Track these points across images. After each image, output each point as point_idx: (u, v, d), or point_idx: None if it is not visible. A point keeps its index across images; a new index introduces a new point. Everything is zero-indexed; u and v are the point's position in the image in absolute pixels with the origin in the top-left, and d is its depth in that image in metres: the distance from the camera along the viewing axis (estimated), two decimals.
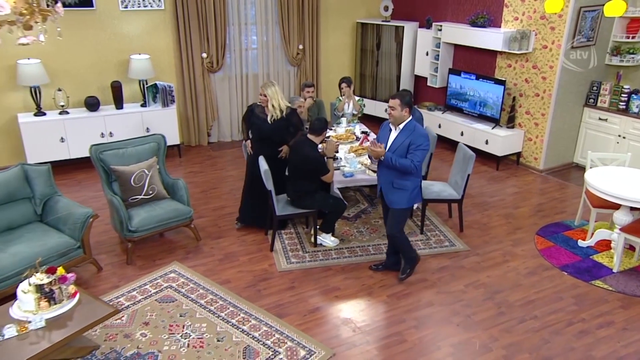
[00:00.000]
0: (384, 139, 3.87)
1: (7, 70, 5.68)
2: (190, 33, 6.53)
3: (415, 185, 3.87)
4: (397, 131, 3.79)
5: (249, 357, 3.30)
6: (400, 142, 3.74)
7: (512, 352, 3.35)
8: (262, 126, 4.54)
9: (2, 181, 3.93)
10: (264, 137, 4.59)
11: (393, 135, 3.82)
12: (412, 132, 3.73)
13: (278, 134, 4.57)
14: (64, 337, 3.00)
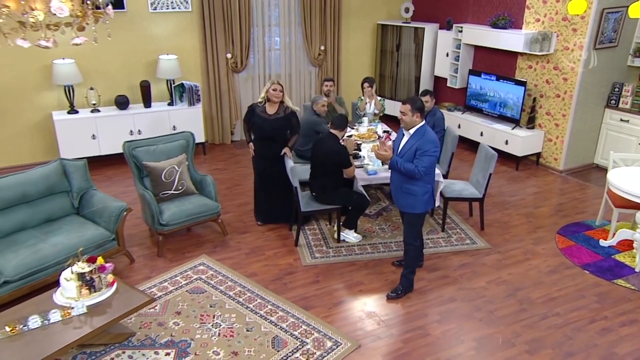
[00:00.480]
0: (398, 142, 3.85)
1: (43, 70, 5.88)
2: (216, 34, 6.66)
3: (425, 191, 3.74)
4: (408, 136, 3.72)
5: (278, 347, 3.40)
6: (409, 146, 3.69)
7: (534, 348, 3.39)
8: (263, 125, 4.59)
9: (43, 175, 4.10)
10: (266, 136, 4.64)
11: (404, 139, 3.77)
12: (421, 137, 3.65)
13: (279, 132, 4.64)
14: (104, 323, 3.13)
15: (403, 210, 3.89)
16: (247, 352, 3.34)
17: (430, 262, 4.38)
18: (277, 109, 4.60)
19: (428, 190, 3.78)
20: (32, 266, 3.63)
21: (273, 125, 4.57)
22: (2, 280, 3.48)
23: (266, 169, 4.76)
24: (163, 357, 3.29)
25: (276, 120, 4.57)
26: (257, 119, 4.63)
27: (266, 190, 4.85)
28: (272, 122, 4.56)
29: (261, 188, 4.89)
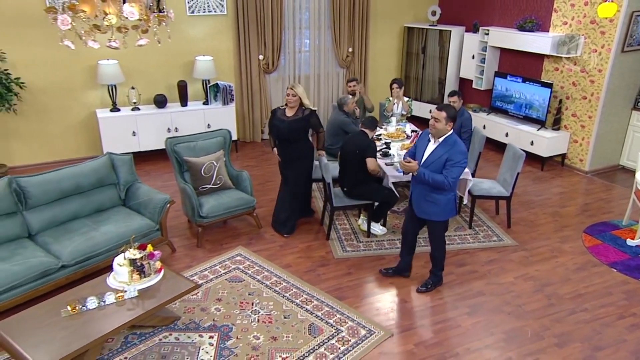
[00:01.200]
0: (422, 149, 3.72)
1: (89, 70, 6.13)
2: (249, 36, 6.83)
3: (449, 200, 3.69)
4: (436, 144, 3.61)
5: (314, 333, 3.52)
6: (437, 155, 3.58)
7: (563, 341, 3.44)
8: (280, 127, 4.59)
9: (94, 168, 4.31)
10: (283, 138, 4.64)
11: (431, 147, 3.64)
12: (452, 148, 3.55)
13: (296, 134, 4.59)
14: (154, 306, 3.29)
15: (425, 217, 3.81)
16: (285, 338, 3.47)
17: (458, 257, 4.45)
18: (295, 112, 4.58)
19: (451, 199, 3.73)
20: (85, 252, 3.83)
21: (290, 128, 4.55)
22: (60, 265, 3.69)
23: (286, 169, 4.76)
24: (207, 340, 3.44)
25: (293, 122, 4.55)
26: (276, 121, 4.66)
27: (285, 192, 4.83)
28: (288, 124, 4.55)
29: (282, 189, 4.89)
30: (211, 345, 3.38)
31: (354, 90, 5.92)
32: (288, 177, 4.78)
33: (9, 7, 5.57)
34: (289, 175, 4.76)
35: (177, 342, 3.42)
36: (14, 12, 5.60)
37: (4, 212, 3.79)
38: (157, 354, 3.31)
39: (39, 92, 5.93)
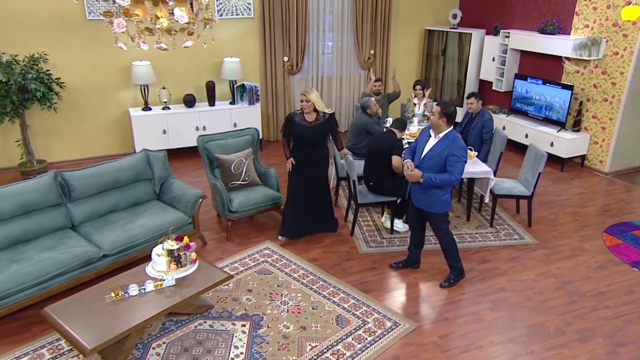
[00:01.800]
0: (422, 144, 3.81)
1: (123, 71, 6.32)
2: (274, 39, 6.95)
3: (445, 192, 3.78)
4: (437, 139, 3.71)
5: (342, 324, 3.60)
6: (438, 151, 3.68)
7: (585, 337, 3.46)
8: (305, 132, 4.44)
9: (131, 164, 4.47)
10: (309, 142, 4.50)
11: (432, 142, 3.74)
12: (452, 143, 3.64)
13: (320, 138, 4.52)
14: (191, 294, 3.41)
15: (423, 208, 3.89)
16: (314, 328, 3.57)
17: (480, 254, 4.49)
18: (316, 116, 4.47)
19: (447, 192, 3.81)
20: (124, 243, 3.98)
21: (314, 132, 4.44)
22: (102, 254, 3.84)
23: (304, 175, 4.60)
24: (240, 328, 3.56)
25: (317, 127, 4.45)
26: (297, 127, 4.48)
27: (303, 198, 4.66)
28: (313, 129, 4.44)
29: (296, 197, 4.68)
30: (244, 333, 3.50)
31: (379, 90, 6.00)
32: (307, 183, 4.61)
33: (51, 13, 5.79)
34: (307, 181, 4.60)
35: (212, 329, 3.54)
36: (55, 18, 5.82)
37: (50, 204, 3.97)
38: (194, 339, 3.44)
39: (76, 92, 6.13)
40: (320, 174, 4.67)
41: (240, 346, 3.37)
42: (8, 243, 3.72)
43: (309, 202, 4.68)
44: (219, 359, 3.26)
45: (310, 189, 4.65)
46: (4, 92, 5.17)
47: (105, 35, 6.12)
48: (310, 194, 4.66)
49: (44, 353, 3.28)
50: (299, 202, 4.67)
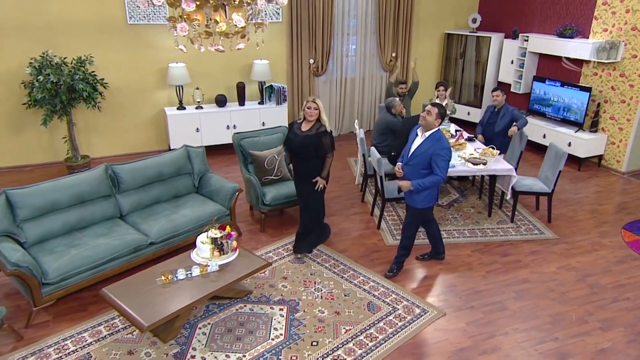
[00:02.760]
0: (410, 142, 3.91)
1: (159, 72, 6.53)
2: (301, 42, 7.10)
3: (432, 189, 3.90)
4: (423, 138, 3.80)
5: (373, 310, 3.74)
6: (423, 149, 3.76)
7: (607, 326, 3.55)
8: (294, 140, 4.22)
9: (173, 159, 4.66)
10: (295, 152, 4.28)
11: (418, 140, 3.83)
12: (437, 142, 3.72)
13: (306, 149, 4.17)
14: (233, 279, 3.57)
15: (408, 203, 4.01)
16: (347, 313, 3.71)
17: (502, 248, 4.59)
18: (310, 127, 4.18)
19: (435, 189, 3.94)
20: (169, 232, 4.16)
21: (302, 142, 4.16)
22: (149, 242, 4.04)
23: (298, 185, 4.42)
24: (278, 311, 3.71)
25: (305, 138, 4.15)
26: (290, 134, 4.30)
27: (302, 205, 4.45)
28: (301, 139, 4.17)
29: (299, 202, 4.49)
30: (282, 316, 3.65)
31: (404, 92, 6.12)
32: (302, 194, 4.38)
33: (95, 18, 6.02)
34: (302, 192, 4.37)
35: (252, 312, 3.71)
36: (99, 22, 6.06)
37: (102, 195, 4.17)
38: (236, 321, 3.60)
39: (116, 92, 6.36)
40: (311, 189, 4.27)
41: (279, 328, 3.53)
42: (65, 230, 3.94)
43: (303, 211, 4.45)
44: (260, 339, 3.42)
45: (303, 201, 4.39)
46: (54, 92, 5.41)
47: (144, 39, 6.35)
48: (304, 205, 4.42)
49: (102, 330, 3.48)
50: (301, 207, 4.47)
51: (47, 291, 3.50)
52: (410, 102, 6.48)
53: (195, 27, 2.57)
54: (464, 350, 3.32)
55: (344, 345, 3.37)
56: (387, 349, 3.34)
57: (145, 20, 6.26)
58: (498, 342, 3.39)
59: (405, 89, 6.17)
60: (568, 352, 3.31)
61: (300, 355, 3.27)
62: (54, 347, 3.30)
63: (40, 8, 5.75)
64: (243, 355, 3.27)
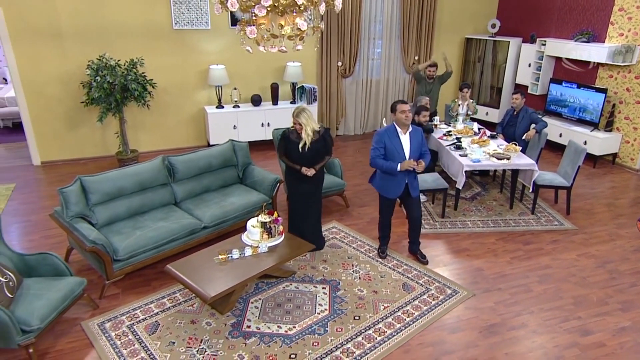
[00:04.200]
0: (398, 144, 3.95)
1: (201, 73, 6.81)
2: (330, 45, 7.32)
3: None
4: (407, 135, 3.99)
5: (407, 290, 3.94)
6: (417, 141, 4.02)
7: (626, 307, 3.70)
8: (303, 154, 4.10)
9: (221, 151, 4.91)
10: (307, 161, 4.15)
11: (405, 139, 3.97)
12: (417, 131, 4.07)
13: (320, 155, 4.19)
14: (280, 260, 3.80)
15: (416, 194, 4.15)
16: (384, 292, 3.92)
17: (524, 237, 4.74)
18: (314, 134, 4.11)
19: None
20: (219, 217, 4.40)
21: (313, 150, 4.11)
22: (203, 226, 4.29)
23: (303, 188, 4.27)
24: (321, 290, 3.93)
25: (314, 144, 4.11)
26: (293, 145, 4.12)
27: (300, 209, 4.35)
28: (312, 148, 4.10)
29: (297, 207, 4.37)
30: (325, 294, 3.87)
31: (432, 75, 6.35)
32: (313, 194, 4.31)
33: (145, 23, 6.32)
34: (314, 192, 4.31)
35: (297, 290, 3.93)
36: (148, 28, 6.35)
37: (160, 183, 4.44)
38: (284, 297, 3.83)
39: (161, 91, 6.65)
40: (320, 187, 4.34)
41: (323, 304, 3.75)
42: (129, 214, 4.21)
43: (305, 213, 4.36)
44: (307, 312, 3.64)
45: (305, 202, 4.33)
46: (109, 91, 5.72)
47: (188, 43, 6.63)
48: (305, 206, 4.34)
49: (165, 302, 3.74)
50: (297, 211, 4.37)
51: (118, 267, 3.77)
52: (440, 87, 6.58)
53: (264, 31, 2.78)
54: (494, 326, 3.50)
55: (383, 320, 3.58)
56: (423, 323, 3.54)
57: (189, 25, 6.54)
58: (525, 320, 3.57)
59: (433, 72, 6.30)
60: (591, 329, 3.47)
61: (345, 327, 3.49)
62: (126, 315, 3.57)
63: (97, 15, 6.07)
64: (293, 326, 3.50)
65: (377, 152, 4.02)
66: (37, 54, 5.94)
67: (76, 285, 3.35)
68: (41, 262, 3.39)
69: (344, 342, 3.34)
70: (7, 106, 7.92)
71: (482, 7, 8.26)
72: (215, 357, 3.18)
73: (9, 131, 7.93)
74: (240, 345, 3.30)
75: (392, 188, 4.11)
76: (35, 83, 6.04)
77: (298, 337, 3.38)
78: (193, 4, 6.49)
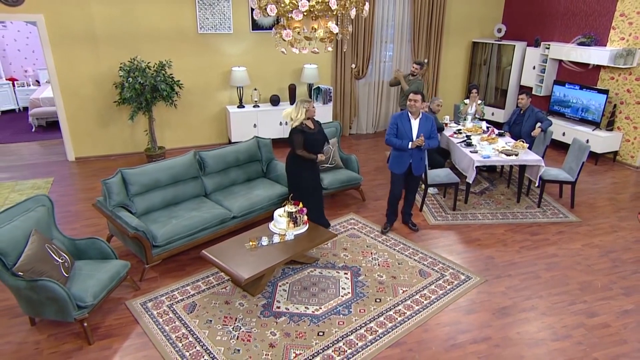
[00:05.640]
0: (408, 128, 4.41)
1: (223, 75, 6.98)
2: (345, 49, 7.45)
3: None
4: (418, 120, 4.44)
5: (424, 276, 4.08)
6: (427, 127, 4.44)
7: (629, 292, 3.82)
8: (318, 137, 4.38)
9: (247, 147, 5.07)
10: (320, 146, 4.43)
11: (415, 123, 4.44)
12: (428, 117, 4.48)
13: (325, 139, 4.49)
14: (305, 247, 3.95)
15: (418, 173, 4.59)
16: (402, 277, 4.06)
17: (531, 228, 4.87)
18: (314, 124, 4.42)
19: None
20: (247, 208, 4.56)
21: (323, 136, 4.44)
22: (232, 216, 4.45)
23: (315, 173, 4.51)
24: (343, 275, 4.09)
25: (320, 131, 4.44)
26: (310, 135, 4.31)
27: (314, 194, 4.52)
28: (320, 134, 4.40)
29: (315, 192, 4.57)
30: (347, 279, 4.02)
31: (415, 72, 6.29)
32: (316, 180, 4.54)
33: (172, 28, 6.50)
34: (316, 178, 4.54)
35: (321, 275, 4.09)
36: (175, 32, 6.53)
37: (191, 176, 4.61)
38: (309, 281, 3.99)
39: (186, 92, 6.83)
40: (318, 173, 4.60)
41: (346, 287, 3.90)
42: (164, 204, 4.38)
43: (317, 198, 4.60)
44: (332, 295, 3.80)
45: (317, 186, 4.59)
46: (140, 91, 5.90)
47: (212, 46, 6.80)
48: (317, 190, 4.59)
49: (200, 285, 3.91)
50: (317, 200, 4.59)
51: (156, 252, 3.94)
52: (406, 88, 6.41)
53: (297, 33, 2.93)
54: (506, 309, 3.64)
55: (402, 302, 3.73)
56: (440, 306, 3.69)
57: (213, 30, 6.71)
58: (535, 303, 3.70)
59: (417, 70, 6.28)
60: (596, 311, 3.60)
61: (367, 308, 3.64)
62: (165, 296, 3.74)
63: (129, 21, 6.26)
64: (319, 307, 3.65)
65: (391, 132, 4.55)
66: (73, 58, 6.14)
67: (121, 268, 3.53)
68: (90, 246, 3.57)
69: (367, 322, 3.49)
70: (41, 106, 8.14)
71: (489, 12, 8.37)
72: (250, 334, 3.34)
73: (43, 130, 8.16)
74: (272, 324, 3.46)
75: (399, 166, 4.61)
76: (71, 84, 6.24)
77: (325, 317, 3.54)
78: (217, 10, 6.67)
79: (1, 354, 3.08)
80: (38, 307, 3.12)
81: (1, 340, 3.22)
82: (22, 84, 9.67)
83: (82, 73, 6.24)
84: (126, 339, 3.26)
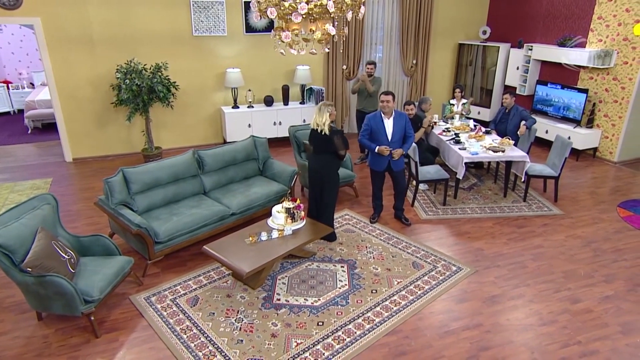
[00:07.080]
0: (381, 128, 4.51)
1: (218, 76, 7.01)
2: (336, 50, 7.55)
3: None
4: (392, 119, 4.53)
5: (417, 268, 4.19)
6: (400, 126, 4.54)
7: (609, 279, 3.97)
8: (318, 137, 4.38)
9: (244, 146, 5.12)
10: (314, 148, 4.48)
11: (389, 123, 4.53)
12: (401, 115, 4.57)
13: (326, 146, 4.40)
14: (303, 242, 4.01)
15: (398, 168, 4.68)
16: (396, 269, 4.16)
17: (518, 221, 5.01)
18: None
19: None
20: (246, 205, 4.62)
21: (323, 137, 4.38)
22: (231, 212, 4.50)
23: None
24: (340, 268, 4.17)
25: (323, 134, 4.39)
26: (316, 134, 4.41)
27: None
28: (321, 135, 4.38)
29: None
30: (344, 272, 4.11)
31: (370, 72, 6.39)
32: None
33: (168, 31, 6.53)
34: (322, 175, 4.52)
35: (319, 268, 4.16)
36: (171, 35, 6.55)
37: (191, 174, 4.65)
38: (307, 275, 4.06)
39: (182, 93, 6.84)
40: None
41: (343, 280, 3.99)
42: (165, 202, 4.42)
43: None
44: (330, 287, 3.88)
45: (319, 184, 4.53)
46: (137, 93, 5.90)
47: (206, 48, 6.83)
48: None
49: (202, 279, 3.95)
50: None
51: (158, 248, 3.98)
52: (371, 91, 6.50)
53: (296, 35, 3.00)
54: (495, 297, 3.76)
55: (397, 293, 3.82)
56: (434, 295, 3.79)
57: (207, 32, 6.74)
58: (522, 292, 3.83)
59: (372, 69, 6.39)
60: (579, 298, 3.74)
61: (364, 299, 3.73)
62: (168, 290, 3.78)
63: (125, 24, 6.25)
64: (318, 299, 3.73)
65: (364, 132, 4.66)
66: (70, 60, 6.11)
67: (125, 263, 3.56)
68: (94, 243, 3.59)
69: (364, 312, 3.58)
70: (37, 108, 8.06)
71: (474, 15, 8.54)
72: (252, 325, 3.41)
73: (39, 132, 8.08)
74: (273, 315, 3.53)
75: (378, 163, 4.72)
76: (68, 86, 6.21)
77: (323, 308, 3.62)
78: (211, 13, 6.70)
79: (11, 348, 3.10)
80: (46, 302, 3.14)
81: (10, 335, 3.23)
82: (16, 86, 9.56)
83: (80, 75, 6.21)
84: (132, 332, 3.29)
